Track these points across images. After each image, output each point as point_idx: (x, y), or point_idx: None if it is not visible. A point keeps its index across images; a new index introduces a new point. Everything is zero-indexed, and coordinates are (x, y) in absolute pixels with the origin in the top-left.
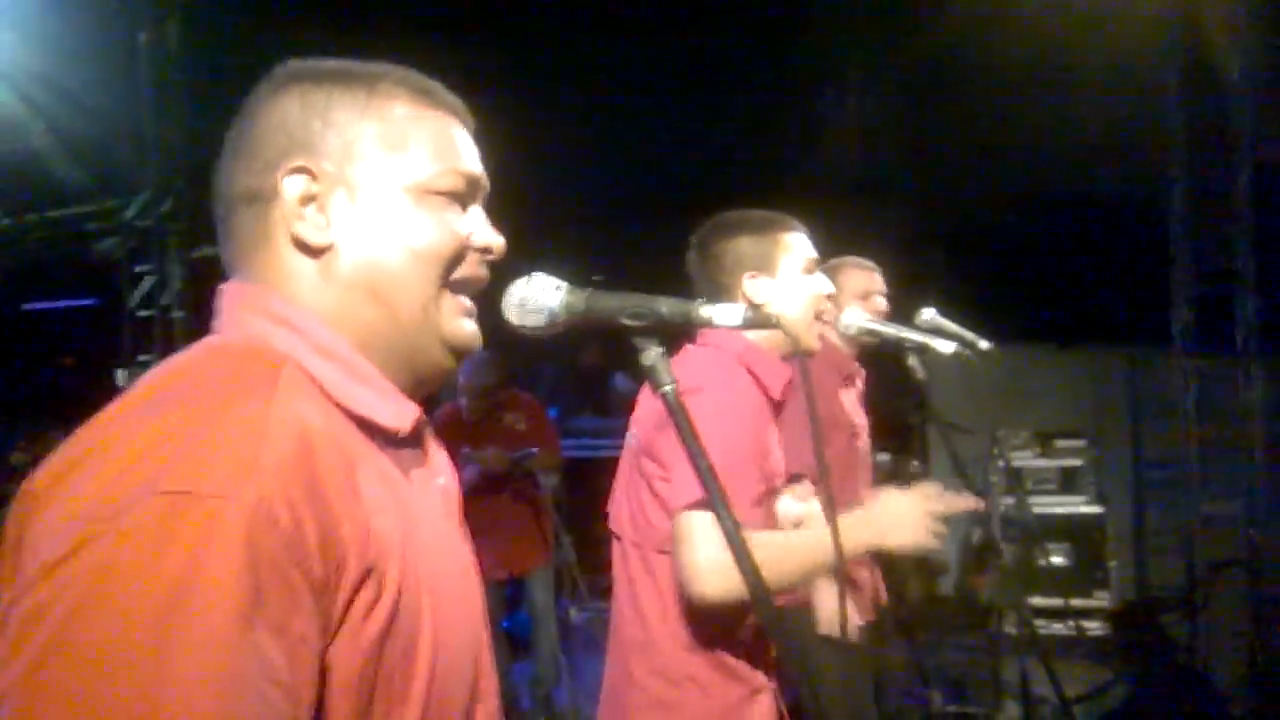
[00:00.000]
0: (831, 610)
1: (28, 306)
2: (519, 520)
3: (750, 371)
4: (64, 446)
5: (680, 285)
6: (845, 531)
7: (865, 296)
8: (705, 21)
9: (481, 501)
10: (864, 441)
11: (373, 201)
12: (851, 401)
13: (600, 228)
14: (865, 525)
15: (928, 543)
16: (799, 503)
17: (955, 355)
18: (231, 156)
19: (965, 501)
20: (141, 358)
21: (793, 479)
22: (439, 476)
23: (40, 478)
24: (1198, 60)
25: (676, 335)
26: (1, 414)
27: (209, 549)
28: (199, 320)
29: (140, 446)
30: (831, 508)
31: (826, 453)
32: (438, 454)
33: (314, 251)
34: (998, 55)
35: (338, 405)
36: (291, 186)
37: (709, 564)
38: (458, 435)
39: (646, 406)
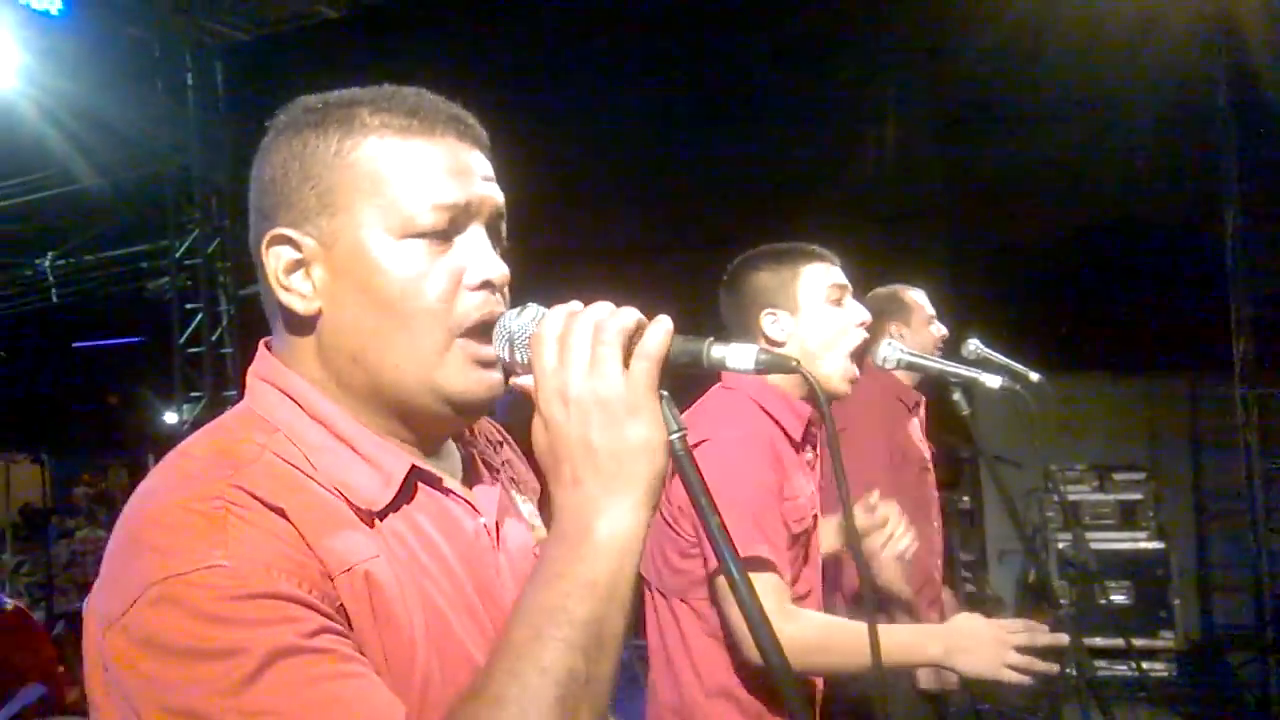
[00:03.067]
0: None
1: (79, 344)
2: None
3: (766, 412)
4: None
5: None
6: (916, 641)
7: (931, 320)
8: (742, 51)
9: None
10: (932, 475)
11: (347, 259)
12: (917, 433)
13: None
14: (938, 641)
15: (1000, 675)
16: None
17: (1004, 389)
18: (250, 211)
19: (1048, 636)
20: (192, 394)
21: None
22: (479, 517)
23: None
24: (1248, 82)
25: (698, 377)
26: (61, 449)
27: (225, 602)
28: (247, 357)
29: (138, 543)
30: (860, 552)
31: (897, 487)
32: (487, 495)
33: (304, 320)
34: (1044, 76)
35: (319, 475)
36: (274, 256)
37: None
38: None
39: None
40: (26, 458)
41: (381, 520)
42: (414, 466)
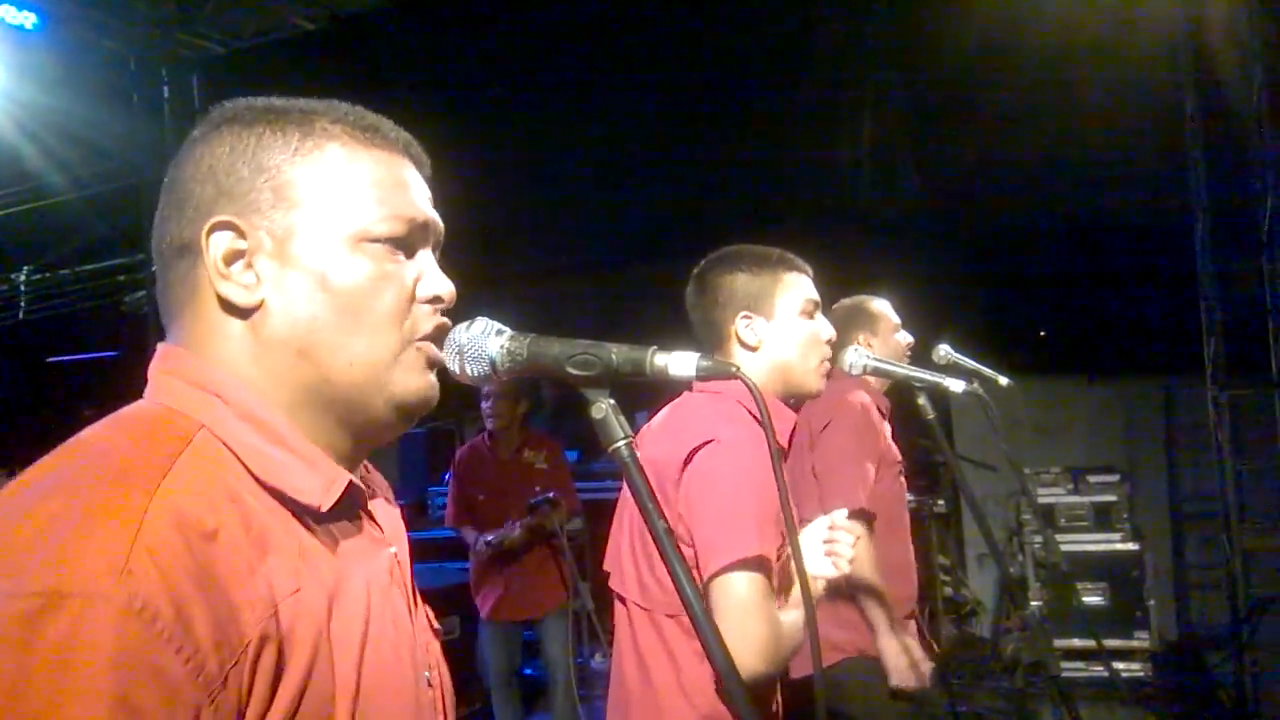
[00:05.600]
0: (901, 662)
1: (54, 359)
2: (533, 566)
3: (754, 416)
4: None
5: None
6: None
7: (897, 329)
8: (715, 55)
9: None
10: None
11: (304, 254)
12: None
13: (605, 268)
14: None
15: (825, 570)
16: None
17: (967, 393)
18: (163, 205)
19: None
20: None
21: (857, 515)
22: (388, 546)
23: None
24: (1215, 88)
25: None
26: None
27: (76, 654)
28: None
29: (12, 541)
30: (800, 559)
31: (876, 490)
32: (390, 518)
33: (242, 312)
34: (1014, 84)
35: (255, 478)
36: (216, 244)
37: (767, 638)
38: (480, 471)
39: (649, 452)
40: (3, 473)
41: (314, 533)
42: (350, 482)
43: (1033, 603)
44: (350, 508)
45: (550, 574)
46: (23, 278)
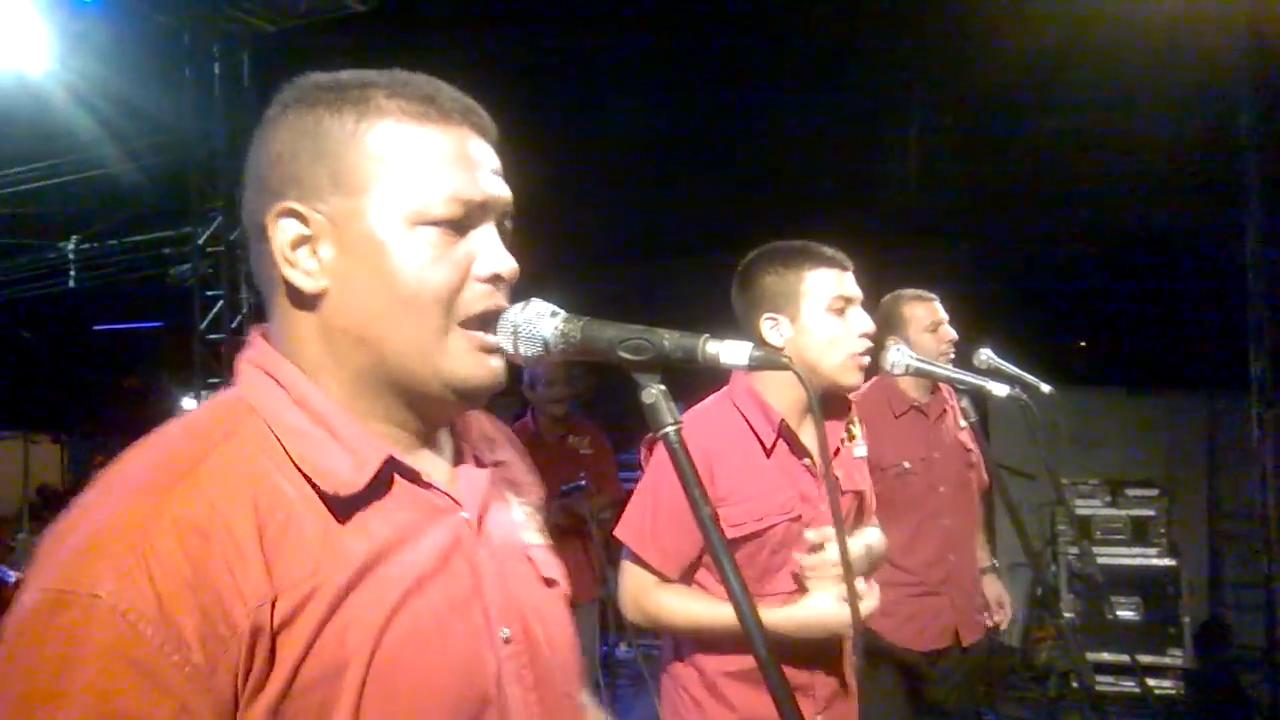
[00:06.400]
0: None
1: (99, 327)
2: (564, 554)
3: (742, 415)
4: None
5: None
6: (778, 625)
7: (934, 328)
8: (765, 58)
9: None
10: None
11: (361, 239)
12: (925, 436)
13: (652, 264)
14: (795, 622)
15: (849, 627)
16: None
17: (1010, 398)
18: (244, 187)
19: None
20: (210, 380)
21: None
22: (457, 511)
23: None
24: (1270, 100)
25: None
26: (80, 431)
27: (75, 647)
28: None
29: (60, 540)
30: (846, 553)
31: (871, 490)
32: (472, 482)
33: (308, 297)
34: (1068, 91)
35: (293, 462)
36: (281, 229)
37: (632, 599)
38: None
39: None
40: (47, 438)
41: (352, 513)
42: (390, 457)
43: (1065, 614)
44: (397, 483)
45: (580, 562)
46: (71, 246)
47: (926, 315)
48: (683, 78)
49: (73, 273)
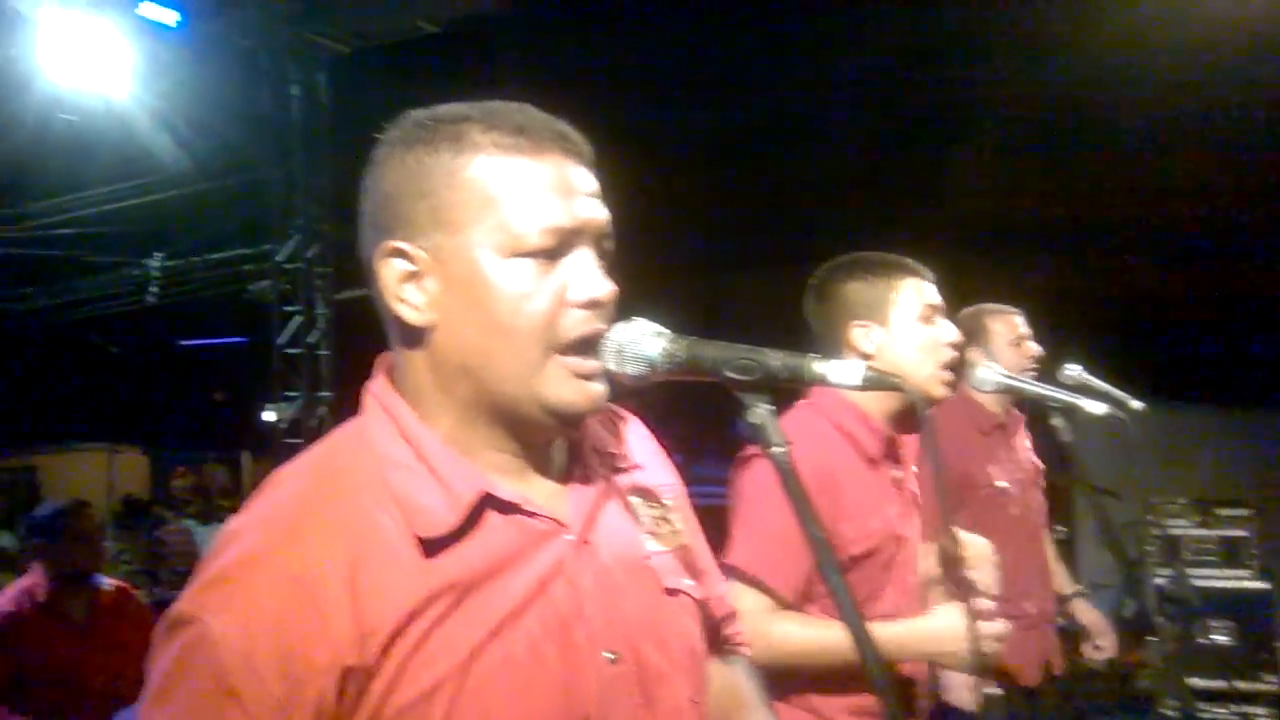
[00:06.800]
0: (959, 680)
1: (185, 343)
2: None
3: (840, 429)
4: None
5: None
6: (897, 640)
7: (1017, 343)
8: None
9: None
10: (1014, 501)
11: (461, 273)
12: (1006, 456)
13: (728, 275)
14: (915, 638)
15: (973, 663)
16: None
17: (1107, 417)
18: (361, 226)
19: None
20: (289, 394)
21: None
22: (562, 534)
23: None
24: None
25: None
26: (163, 443)
27: (185, 665)
28: (344, 359)
29: (208, 564)
30: (954, 567)
31: (961, 513)
32: (581, 501)
33: (417, 331)
34: (1153, 104)
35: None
36: (388, 269)
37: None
38: None
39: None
40: (134, 449)
41: (446, 548)
42: (485, 494)
43: (1154, 638)
44: (496, 515)
45: None
46: (155, 264)
47: (1009, 330)
48: (750, 89)
49: (154, 289)
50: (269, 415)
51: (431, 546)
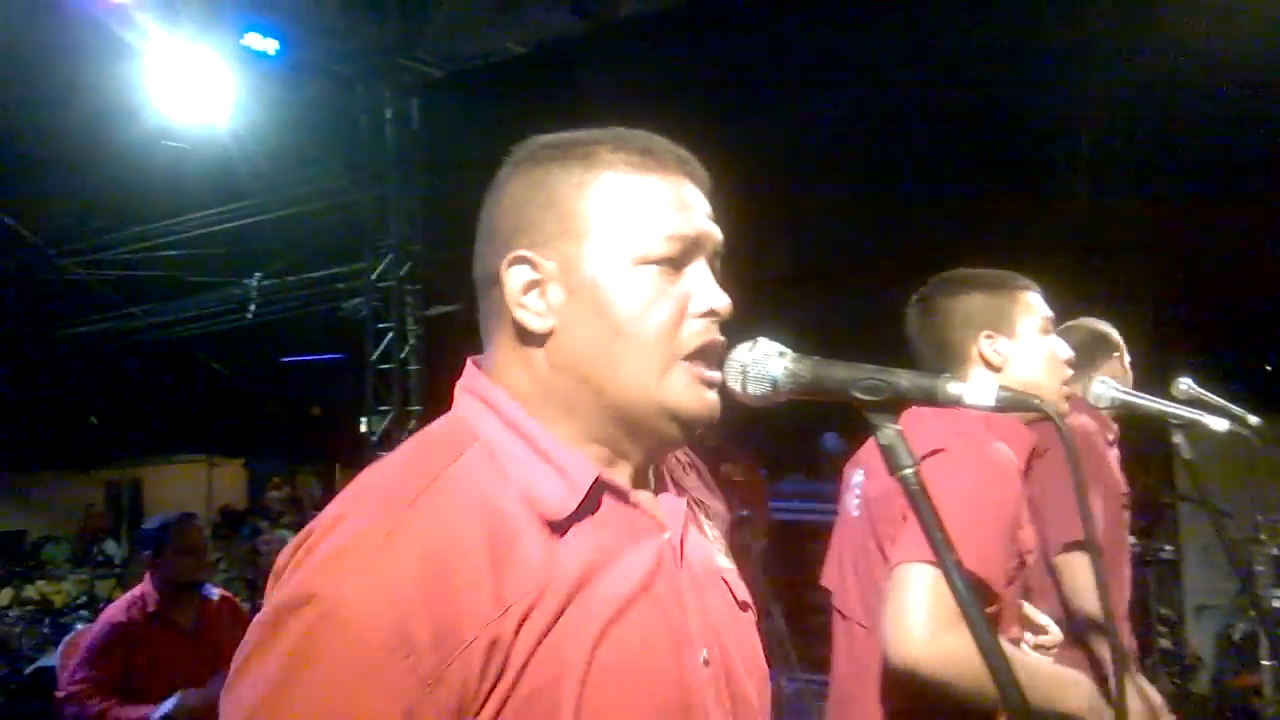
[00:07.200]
0: (1140, 708)
1: (286, 360)
2: None
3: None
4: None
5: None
6: (1074, 690)
7: (1120, 359)
8: (939, 78)
9: None
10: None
11: (586, 281)
12: (1116, 466)
13: (828, 288)
14: (1082, 694)
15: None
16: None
17: (1230, 433)
18: (477, 241)
19: None
20: (381, 407)
21: (1071, 547)
22: (661, 533)
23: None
24: None
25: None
26: (262, 455)
27: (311, 644)
28: (434, 374)
29: (307, 555)
30: (1104, 584)
31: (1105, 525)
32: (673, 507)
33: (537, 338)
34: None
35: (513, 484)
36: (514, 275)
37: (926, 625)
38: None
39: (873, 467)
40: (234, 460)
41: (565, 531)
42: (599, 477)
43: (1264, 661)
44: (606, 503)
45: None
46: (255, 282)
47: (1113, 346)
48: (852, 103)
49: (253, 307)
50: (362, 427)
51: (554, 528)
